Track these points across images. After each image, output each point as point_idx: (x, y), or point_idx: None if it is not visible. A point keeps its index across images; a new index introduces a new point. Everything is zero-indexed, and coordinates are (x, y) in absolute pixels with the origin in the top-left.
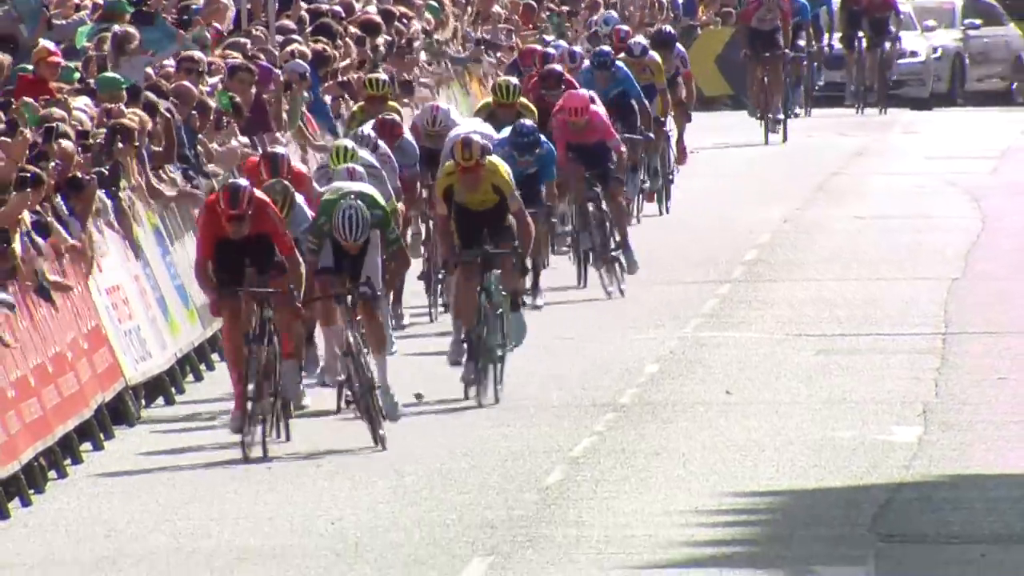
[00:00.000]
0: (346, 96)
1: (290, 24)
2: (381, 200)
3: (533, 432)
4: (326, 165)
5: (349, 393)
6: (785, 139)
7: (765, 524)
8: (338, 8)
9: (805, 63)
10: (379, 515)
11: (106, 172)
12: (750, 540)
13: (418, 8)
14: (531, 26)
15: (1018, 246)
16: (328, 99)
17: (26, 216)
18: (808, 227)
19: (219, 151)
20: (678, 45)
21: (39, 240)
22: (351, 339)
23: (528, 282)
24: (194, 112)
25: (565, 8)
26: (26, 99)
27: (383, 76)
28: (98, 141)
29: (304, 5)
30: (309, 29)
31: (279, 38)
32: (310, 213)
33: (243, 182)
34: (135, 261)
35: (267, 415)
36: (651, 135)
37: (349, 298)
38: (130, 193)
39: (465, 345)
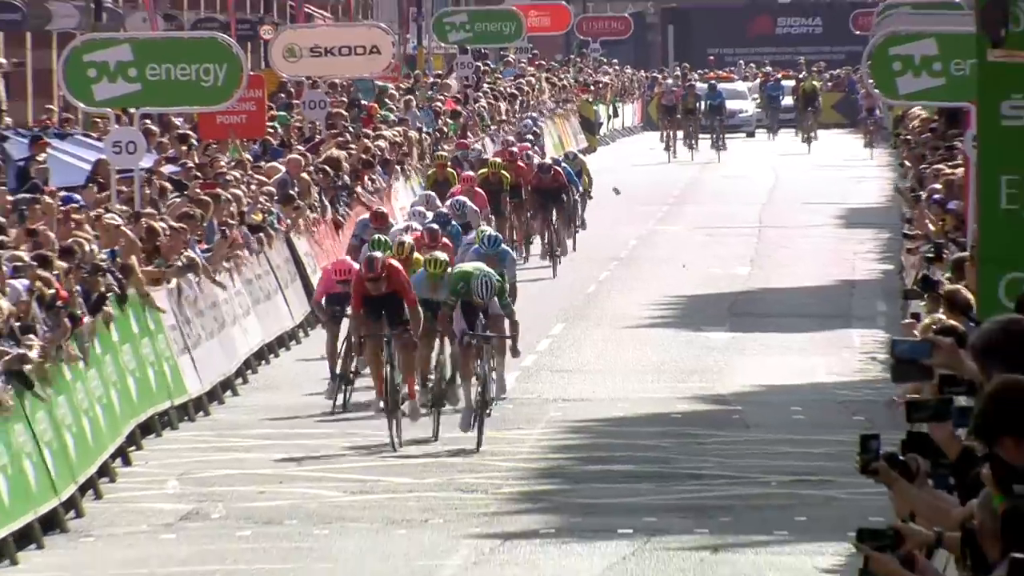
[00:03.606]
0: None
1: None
2: (496, 276)
3: (583, 272)
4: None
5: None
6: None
7: (682, 308)
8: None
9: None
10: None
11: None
12: (675, 316)
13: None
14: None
15: (794, 188)
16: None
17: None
18: (704, 179)
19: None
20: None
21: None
22: (478, 371)
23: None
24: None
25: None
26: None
27: (445, 153)
28: (396, 142)
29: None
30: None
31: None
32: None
33: (378, 255)
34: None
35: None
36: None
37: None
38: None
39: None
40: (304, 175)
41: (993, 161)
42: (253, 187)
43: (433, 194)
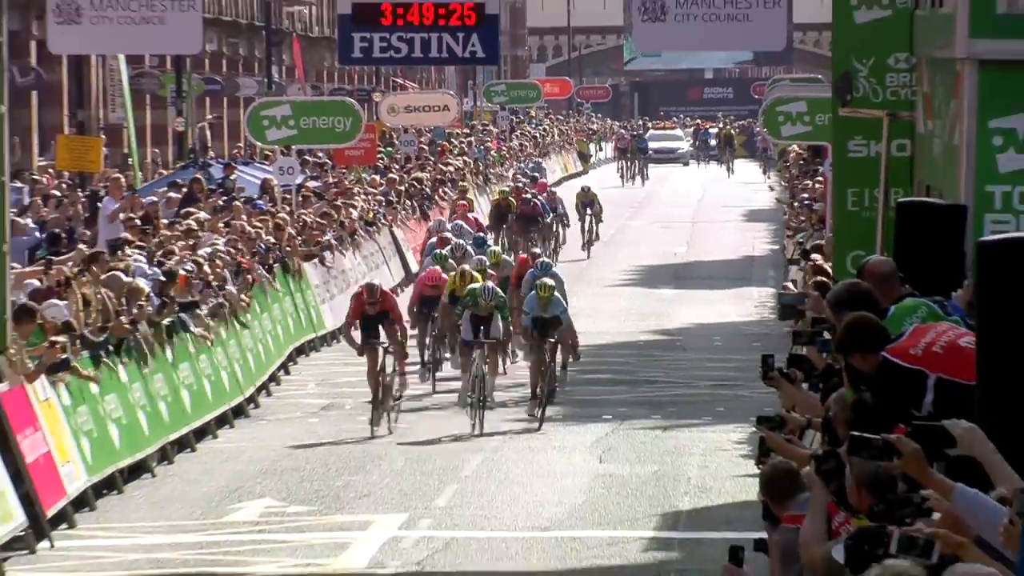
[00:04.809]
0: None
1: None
2: (501, 294)
3: (579, 252)
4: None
5: (470, 400)
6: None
7: (644, 273)
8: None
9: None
10: None
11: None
12: (639, 279)
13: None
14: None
15: (716, 198)
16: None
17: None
18: (657, 192)
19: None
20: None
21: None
22: (476, 370)
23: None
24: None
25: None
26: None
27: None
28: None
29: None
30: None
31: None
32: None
33: (377, 282)
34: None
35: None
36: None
37: (484, 347)
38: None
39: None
40: (400, 188)
41: (843, 180)
42: (367, 195)
43: (444, 219)
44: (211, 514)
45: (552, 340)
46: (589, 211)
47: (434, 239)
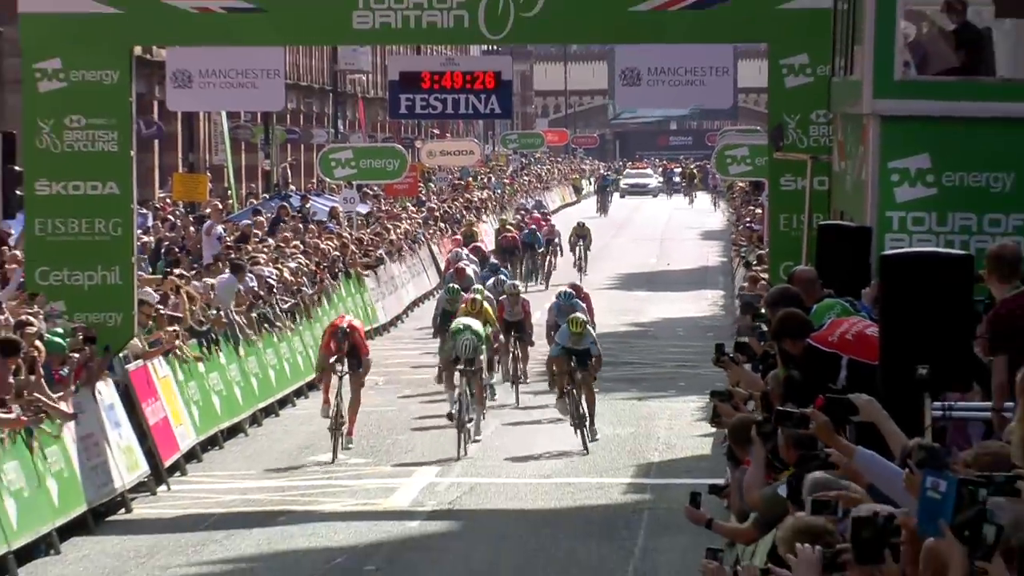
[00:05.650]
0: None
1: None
2: (482, 331)
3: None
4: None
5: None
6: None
7: (623, 279)
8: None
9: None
10: None
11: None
12: (620, 283)
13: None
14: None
15: (679, 221)
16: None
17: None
18: (632, 218)
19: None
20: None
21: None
22: (460, 394)
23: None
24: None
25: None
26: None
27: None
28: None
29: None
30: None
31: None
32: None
33: (346, 323)
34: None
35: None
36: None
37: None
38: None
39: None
40: (436, 213)
41: (777, 207)
42: (411, 219)
43: (460, 250)
44: (290, 464)
45: (583, 372)
46: (582, 242)
47: (452, 270)
